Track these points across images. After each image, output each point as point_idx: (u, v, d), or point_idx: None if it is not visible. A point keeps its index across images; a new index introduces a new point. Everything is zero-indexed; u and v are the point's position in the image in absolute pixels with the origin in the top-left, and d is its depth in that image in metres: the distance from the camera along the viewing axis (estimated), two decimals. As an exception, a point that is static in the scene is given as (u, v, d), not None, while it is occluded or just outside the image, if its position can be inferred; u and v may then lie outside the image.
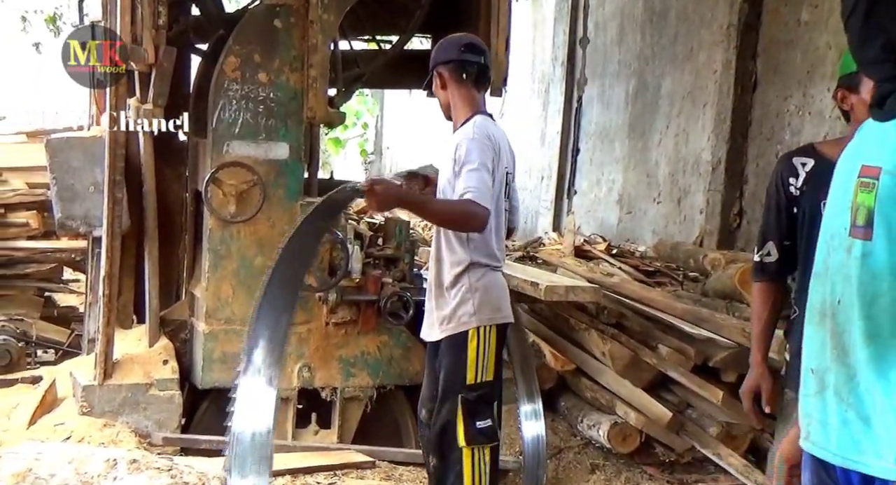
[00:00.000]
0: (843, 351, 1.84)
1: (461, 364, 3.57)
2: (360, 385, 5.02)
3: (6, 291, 6.98)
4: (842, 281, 1.84)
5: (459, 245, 3.63)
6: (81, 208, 5.52)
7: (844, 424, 1.83)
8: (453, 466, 3.56)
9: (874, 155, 1.82)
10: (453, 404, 3.56)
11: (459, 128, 3.71)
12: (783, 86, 7.08)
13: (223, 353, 4.89)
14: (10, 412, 5.36)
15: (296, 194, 4.91)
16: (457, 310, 3.61)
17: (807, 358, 1.94)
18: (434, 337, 3.70)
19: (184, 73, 5.50)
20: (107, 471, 3.36)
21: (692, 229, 7.86)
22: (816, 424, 1.90)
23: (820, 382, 1.89)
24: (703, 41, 7.93)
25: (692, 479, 4.92)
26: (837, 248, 1.86)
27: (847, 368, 1.83)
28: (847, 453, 1.83)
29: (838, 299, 1.85)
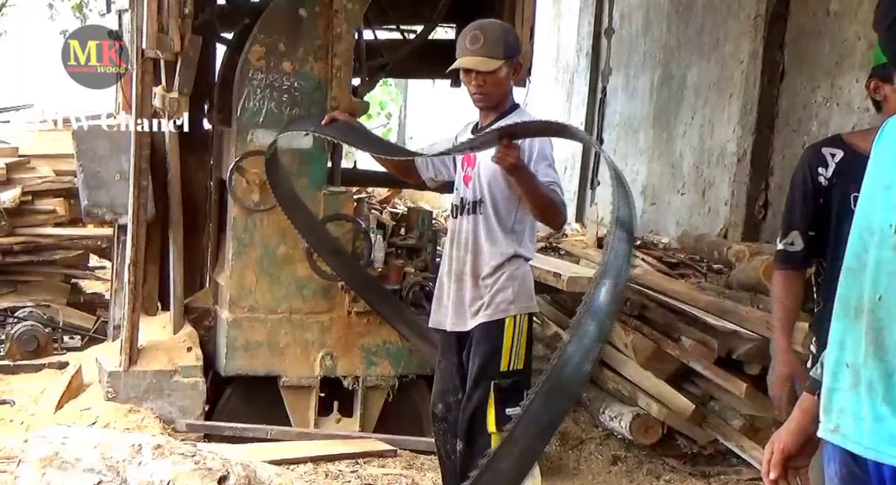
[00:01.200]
0: (880, 347, 1.83)
1: (497, 351, 3.59)
2: (381, 374, 5.03)
3: (33, 278, 7.03)
4: (885, 278, 1.83)
5: (504, 237, 3.62)
6: (107, 196, 5.56)
7: (878, 419, 1.83)
8: (481, 451, 3.54)
9: None
10: (486, 389, 3.56)
11: (510, 116, 3.64)
12: (811, 77, 7.01)
13: (246, 341, 4.91)
14: (38, 397, 5.41)
15: (319, 184, 4.92)
16: (495, 297, 3.60)
17: (841, 352, 1.92)
18: (465, 326, 3.66)
19: (209, 61, 5.51)
20: (132, 456, 3.38)
21: (717, 221, 7.81)
22: (850, 417, 1.89)
23: (855, 376, 1.88)
24: (729, 31, 7.86)
25: (714, 471, 4.91)
26: (880, 245, 1.85)
27: (885, 364, 1.82)
28: (881, 447, 1.83)
29: (879, 296, 1.83)
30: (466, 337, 3.68)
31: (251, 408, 4.95)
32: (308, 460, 4.56)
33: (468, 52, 3.58)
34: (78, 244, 7.13)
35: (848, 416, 1.89)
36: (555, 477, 4.77)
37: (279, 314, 4.93)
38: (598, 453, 5.11)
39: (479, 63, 3.54)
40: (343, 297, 4.94)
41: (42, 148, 7.25)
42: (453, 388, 3.77)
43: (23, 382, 5.73)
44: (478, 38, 3.57)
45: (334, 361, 4.94)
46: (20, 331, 6.26)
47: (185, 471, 3.28)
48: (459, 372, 3.74)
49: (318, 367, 4.93)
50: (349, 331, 4.96)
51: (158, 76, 5.07)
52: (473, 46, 3.56)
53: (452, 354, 3.77)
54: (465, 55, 3.59)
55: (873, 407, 1.84)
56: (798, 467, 2.08)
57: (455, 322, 3.71)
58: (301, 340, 4.94)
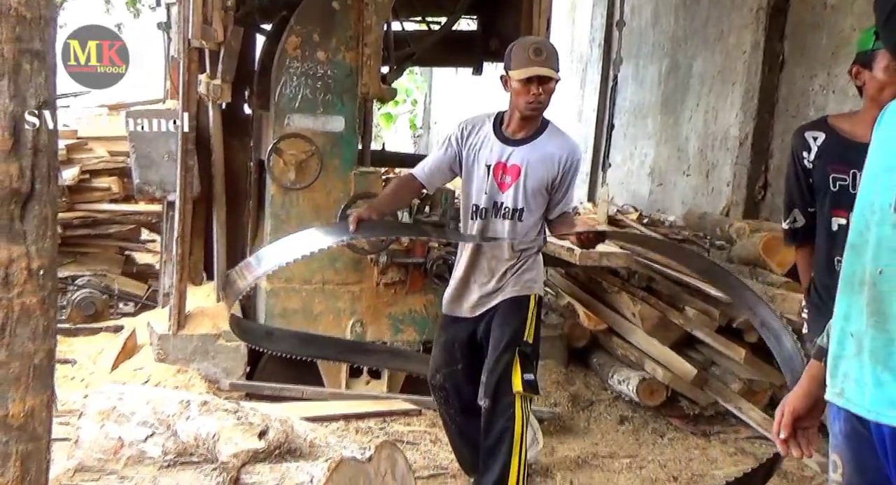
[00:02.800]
0: (883, 317, 1.85)
1: (522, 322, 3.61)
2: (407, 340, 5.04)
3: (91, 249, 7.09)
4: (886, 253, 1.85)
5: (536, 233, 3.67)
6: (157, 175, 5.58)
7: (879, 384, 1.86)
8: (506, 409, 3.59)
9: None
10: (512, 354, 3.58)
11: (550, 131, 3.66)
12: (809, 66, 6.94)
13: (283, 308, 4.93)
14: (96, 357, 5.47)
15: (350, 164, 4.92)
16: (522, 276, 3.63)
17: (846, 323, 1.95)
18: (487, 306, 3.66)
19: (249, 51, 5.52)
20: (180, 411, 3.40)
21: (719, 201, 7.76)
22: (853, 383, 1.92)
23: (858, 345, 1.91)
24: (733, 24, 7.78)
25: (714, 430, 4.91)
26: (881, 222, 1.86)
27: (886, 333, 1.85)
28: (881, 409, 1.86)
29: (880, 270, 1.85)
30: (480, 318, 3.68)
31: (288, 370, 4.97)
32: (340, 417, 4.59)
33: (534, 62, 3.52)
34: (130, 219, 7.17)
35: (851, 381, 1.93)
36: (567, 435, 4.77)
37: (313, 285, 4.94)
38: (606, 414, 5.10)
39: (546, 71, 3.51)
40: (372, 269, 4.95)
41: (98, 131, 7.29)
42: (451, 360, 3.77)
43: (82, 343, 5.79)
44: (540, 52, 3.54)
45: (364, 327, 4.96)
46: (79, 297, 6.33)
47: (229, 425, 3.30)
48: (461, 347, 3.75)
49: (349, 333, 4.95)
50: (377, 300, 4.97)
51: (203, 64, 5.07)
52: (538, 58, 3.52)
53: (459, 330, 3.75)
54: (531, 65, 3.52)
55: (874, 373, 1.86)
56: (806, 427, 2.10)
57: (477, 307, 3.69)
58: (333, 308, 4.95)
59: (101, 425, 3.42)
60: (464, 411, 3.79)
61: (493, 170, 3.63)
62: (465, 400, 3.76)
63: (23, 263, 1.55)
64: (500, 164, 3.62)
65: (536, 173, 3.58)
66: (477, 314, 3.69)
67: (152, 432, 3.38)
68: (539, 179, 3.58)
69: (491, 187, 3.63)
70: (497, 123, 3.68)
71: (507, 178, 3.62)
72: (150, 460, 3.33)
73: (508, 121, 3.65)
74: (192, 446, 3.31)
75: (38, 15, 1.53)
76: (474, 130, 3.70)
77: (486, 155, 3.64)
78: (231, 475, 3.15)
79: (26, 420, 1.58)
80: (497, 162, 3.62)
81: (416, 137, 14.83)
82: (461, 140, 3.69)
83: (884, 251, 1.86)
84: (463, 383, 3.76)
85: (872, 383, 1.87)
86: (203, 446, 3.29)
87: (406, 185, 3.80)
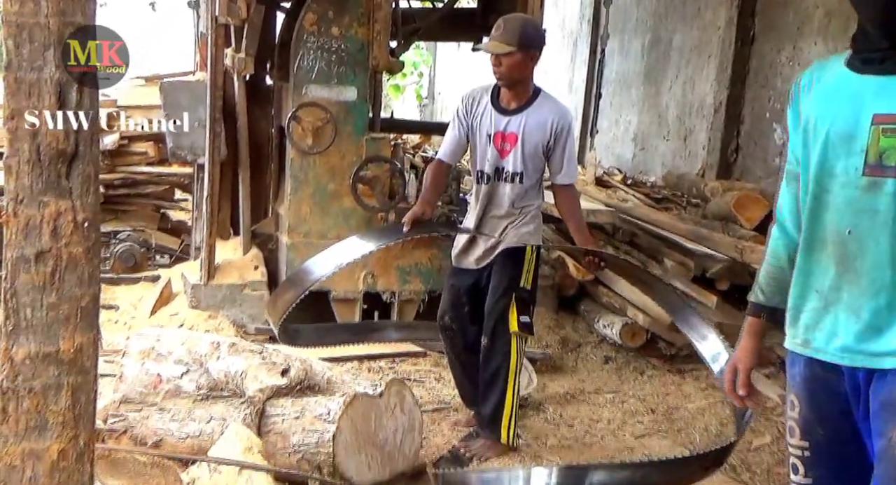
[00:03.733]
0: (854, 274, 1.84)
1: (518, 269, 3.65)
2: (414, 290, 5.05)
3: (130, 207, 7.08)
4: (854, 214, 1.82)
5: (536, 196, 3.71)
6: (188, 140, 5.56)
7: (852, 333, 1.85)
8: (502, 347, 3.65)
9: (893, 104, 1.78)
10: (509, 299, 3.62)
11: (542, 99, 3.65)
12: (777, 40, 6.88)
13: (302, 261, 4.88)
14: (136, 304, 5.49)
15: (362, 130, 4.89)
16: (520, 230, 3.67)
17: (808, 279, 1.93)
18: (490, 258, 3.70)
19: (270, 27, 5.46)
20: (212, 351, 3.44)
21: (695, 163, 7.73)
22: (820, 333, 1.91)
23: (825, 300, 1.89)
24: (709, 1, 7.70)
25: (688, 368, 4.93)
26: (846, 185, 1.82)
27: (859, 288, 1.84)
28: (857, 356, 1.85)
29: (848, 230, 1.83)
30: (484, 269, 3.72)
31: (307, 316, 4.99)
32: (354, 358, 4.62)
33: (491, 37, 3.56)
34: (165, 180, 7.14)
35: (818, 331, 1.92)
36: (557, 374, 4.81)
37: (329, 239, 4.91)
38: (592, 355, 5.13)
39: (493, 46, 3.51)
40: (381, 225, 4.94)
41: (136, 100, 7.22)
42: (458, 304, 3.81)
43: (124, 291, 5.81)
44: (499, 27, 3.54)
45: (374, 279, 4.97)
46: (121, 250, 6.34)
47: (255, 364, 3.34)
48: (466, 293, 3.78)
49: (361, 284, 4.96)
50: (387, 254, 4.97)
51: (229, 39, 5.03)
52: (496, 33, 3.54)
53: (465, 279, 3.79)
54: (490, 40, 3.58)
55: (849, 324, 1.86)
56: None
57: (481, 259, 3.73)
58: (348, 260, 4.95)
59: (141, 363, 3.46)
60: (467, 349, 3.83)
61: (494, 138, 3.64)
62: (469, 339, 3.80)
63: (69, 216, 1.56)
64: (498, 132, 3.63)
65: (532, 139, 3.60)
66: (482, 266, 3.73)
67: (187, 370, 3.42)
68: (535, 144, 3.60)
69: (493, 154, 3.65)
70: (494, 94, 3.67)
71: (507, 145, 3.63)
72: (186, 394, 3.37)
73: (502, 91, 3.65)
74: (222, 383, 3.35)
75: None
76: (474, 102, 3.70)
77: (487, 125, 3.64)
78: (257, 408, 3.19)
79: (76, 356, 1.60)
80: (496, 131, 3.63)
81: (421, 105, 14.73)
82: (466, 113, 3.70)
83: (851, 213, 1.83)
84: (468, 323, 3.80)
85: (845, 332, 1.86)
86: (232, 382, 3.33)
87: (440, 171, 3.80)
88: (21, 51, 1.53)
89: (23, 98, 1.53)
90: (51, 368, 1.59)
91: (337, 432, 3.05)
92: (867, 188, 1.80)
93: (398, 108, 13.92)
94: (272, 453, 3.08)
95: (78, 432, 1.62)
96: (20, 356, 1.58)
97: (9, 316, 1.58)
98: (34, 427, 1.59)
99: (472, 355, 3.80)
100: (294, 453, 3.09)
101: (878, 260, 1.82)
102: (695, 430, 4.11)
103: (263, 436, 3.13)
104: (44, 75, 1.54)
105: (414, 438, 3.32)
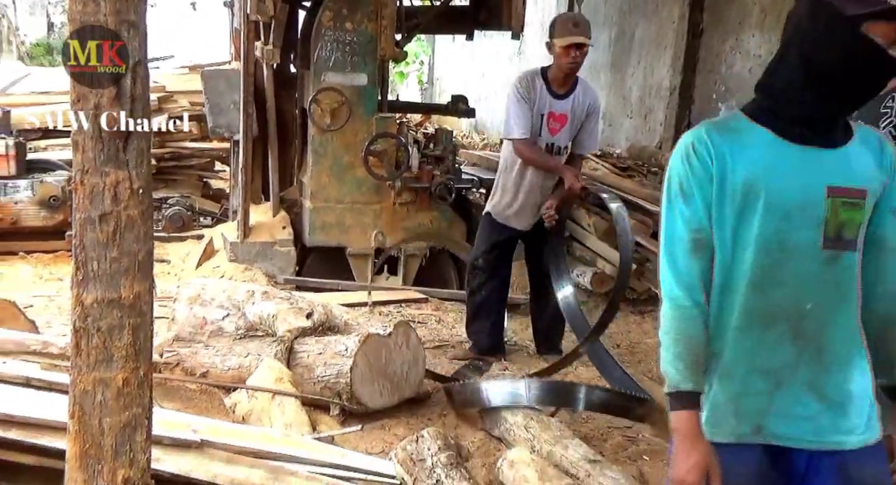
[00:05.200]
0: (818, 351, 1.51)
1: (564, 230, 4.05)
2: (417, 246, 5.06)
3: (177, 177, 7.05)
4: (814, 289, 1.50)
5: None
6: (225, 120, 5.51)
7: (818, 413, 1.52)
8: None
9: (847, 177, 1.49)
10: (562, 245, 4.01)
11: (581, 85, 3.75)
12: (722, 33, 6.83)
13: (323, 222, 4.94)
14: (184, 258, 5.51)
15: (372, 111, 4.86)
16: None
17: (751, 359, 1.52)
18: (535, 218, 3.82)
19: (294, 22, 5.38)
20: (248, 298, 3.46)
21: (654, 137, 7.70)
22: (776, 417, 1.52)
23: (776, 379, 1.52)
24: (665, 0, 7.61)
25: (647, 309, 4.95)
26: (803, 259, 1.49)
27: (821, 365, 1.52)
28: (823, 437, 1.52)
29: (809, 305, 1.50)
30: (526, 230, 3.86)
31: (327, 268, 5.02)
32: (367, 304, 4.64)
33: (573, 33, 3.56)
34: (207, 154, 7.11)
35: (772, 416, 1.53)
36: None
37: (345, 204, 4.95)
38: (566, 299, 5.14)
39: (583, 39, 3.56)
40: (389, 192, 4.93)
41: (181, 86, 7.16)
42: (492, 250, 3.91)
43: (173, 248, 5.83)
44: (578, 24, 3.60)
45: (384, 236, 4.97)
46: (170, 213, 6.33)
47: (284, 308, 3.36)
48: (503, 243, 3.90)
49: (373, 241, 4.97)
50: (394, 216, 4.98)
51: (258, 34, 4.97)
52: (577, 29, 3.56)
53: (506, 233, 3.88)
54: (570, 35, 3.56)
55: (810, 404, 1.52)
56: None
57: (531, 221, 3.84)
58: (360, 222, 4.96)
59: (190, 307, 3.48)
60: (490, 281, 3.92)
61: (547, 118, 3.70)
62: (497, 276, 3.93)
63: (126, 184, 1.56)
64: (552, 113, 3.70)
65: (577, 118, 3.72)
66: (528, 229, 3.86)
67: (228, 313, 3.44)
68: (577, 123, 3.73)
69: (545, 131, 3.71)
70: (545, 80, 3.68)
71: (557, 124, 3.72)
72: (227, 333, 3.40)
73: (554, 78, 3.68)
74: (256, 324, 3.38)
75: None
76: (530, 85, 3.70)
77: (541, 106, 3.68)
78: (286, 345, 3.21)
79: (134, 301, 1.61)
80: (550, 112, 3.69)
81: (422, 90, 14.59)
82: (526, 94, 3.69)
83: (811, 287, 1.50)
84: (500, 265, 3.93)
85: (806, 412, 1.51)
86: (265, 323, 3.35)
87: (535, 143, 3.75)
88: (84, 43, 1.52)
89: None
90: (114, 311, 1.60)
91: (353, 365, 3.07)
92: (826, 262, 1.50)
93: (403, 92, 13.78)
94: (299, 382, 3.11)
95: (138, 364, 1.64)
96: (89, 301, 1.59)
97: (79, 268, 1.59)
98: (102, 360, 1.61)
99: (493, 287, 3.92)
100: (318, 383, 3.12)
101: (842, 335, 1.53)
102: (653, 360, 4.15)
103: (292, 368, 3.16)
104: (102, 65, 1.53)
105: (418, 370, 3.35)
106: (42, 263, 5.51)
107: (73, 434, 1.64)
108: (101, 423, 1.62)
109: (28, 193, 5.64)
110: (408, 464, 2.53)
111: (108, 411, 1.62)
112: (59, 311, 4.32)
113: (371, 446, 2.92)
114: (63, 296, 4.50)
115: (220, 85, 5.54)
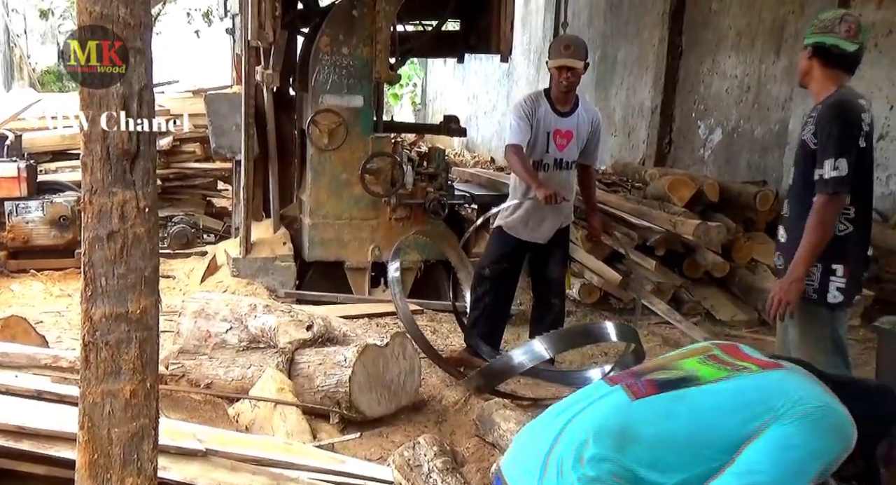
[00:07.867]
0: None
1: (568, 243, 4.02)
2: (412, 260, 5.05)
3: (182, 196, 7.05)
4: None
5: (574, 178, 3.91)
6: (228, 141, 5.53)
7: None
8: (564, 301, 3.97)
9: None
10: (566, 265, 4.00)
11: (582, 102, 3.81)
12: (700, 55, 6.89)
13: (322, 238, 4.94)
14: (189, 274, 5.49)
15: (368, 131, 4.87)
16: (569, 213, 3.92)
17: None
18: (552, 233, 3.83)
19: (292, 48, 5.41)
20: (250, 311, 3.45)
21: (637, 153, 7.74)
22: None
23: None
24: (645, 23, 7.67)
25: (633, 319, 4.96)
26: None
27: None
28: None
29: None
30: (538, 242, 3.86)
31: (326, 282, 5.00)
32: (365, 316, 4.62)
33: (563, 55, 3.58)
34: (210, 174, 7.10)
35: None
36: (525, 324, 4.81)
37: (343, 220, 4.94)
38: (556, 309, 5.14)
39: (572, 62, 3.56)
40: (385, 208, 4.93)
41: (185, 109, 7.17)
42: (501, 261, 3.88)
43: (178, 264, 5.81)
44: (569, 47, 3.60)
45: (380, 251, 4.96)
46: (175, 230, 6.32)
47: (285, 321, 3.35)
48: (512, 255, 3.88)
49: (370, 255, 4.96)
50: (390, 231, 4.97)
51: (259, 59, 4.98)
52: (567, 52, 3.58)
53: (518, 247, 3.86)
54: (562, 57, 3.58)
55: None
56: None
57: (548, 235, 3.84)
58: (358, 237, 4.95)
59: (194, 321, 3.46)
60: (495, 290, 3.91)
61: (553, 135, 3.73)
62: (502, 287, 3.92)
63: (133, 203, 1.56)
64: (557, 130, 3.73)
65: (582, 134, 3.77)
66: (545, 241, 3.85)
67: (231, 326, 3.43)
68: (582, 139, 3.78)
69: (552, 148, 3.74)
70: (548, 100, 3.72)
71: (563, 140, 3.75)
72: (230, 345, 3.38)
73: (555, 97, 3.72)
74: (259, 336, 3.36)
75: (138, 22, 1.52)
76: (534, 105, 3.72)
77: (546, 124, 3.70)
78: (287, 357, 3.20)
79: (141, 315, 1.61)
80: (555, 129, 3.73)
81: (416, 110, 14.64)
82: (531, 113, 3.70)
83: None
84: (506, 277, 3.92)
85: None
86: (266, 336, 3.34)
87: (523, 152, 3.71)
88: (91, 69, 1.52)
89: (95, 108, 1.53)
90: (122, 325, 1.59)
91: (352, 375, 3.06)
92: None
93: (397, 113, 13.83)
94: (300, 392, 3.10)
95: (145, 376, 1.63)
96: (98, 316, 1.58)
97: (87, 284, 1.58)
98: (110, 372, 1.60)
99: (498, 298, 3.92)
100: (318, 392, 3.11)
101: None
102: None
103: (293, 379, 3.14)
104: (111, 90, 1.53)
105: (414, 378, 3.34)
106: (52, 281, 5.49)
107: (83, 444, 1.63)
108: (110, 433, 1.61)
109: (39, 213, 5.63)
110: (405, 469, 2.52)
111: (116, 421, 1.61)
112: (68, 326, 4.30)
113: (370, 453, 2.90)
114: (72, 312, 4.48)
115: (222, 108, 5.55)
